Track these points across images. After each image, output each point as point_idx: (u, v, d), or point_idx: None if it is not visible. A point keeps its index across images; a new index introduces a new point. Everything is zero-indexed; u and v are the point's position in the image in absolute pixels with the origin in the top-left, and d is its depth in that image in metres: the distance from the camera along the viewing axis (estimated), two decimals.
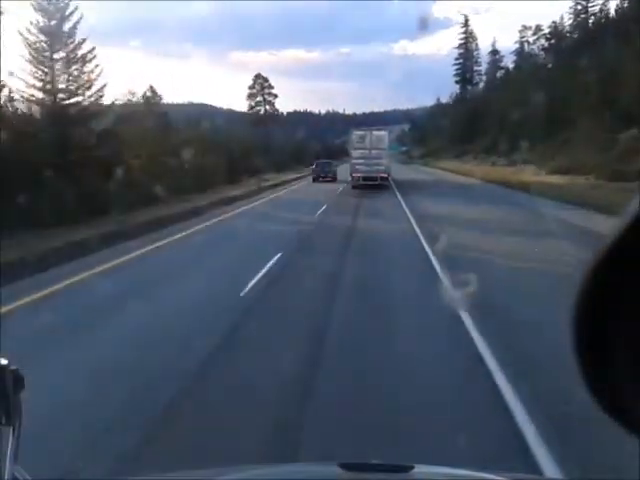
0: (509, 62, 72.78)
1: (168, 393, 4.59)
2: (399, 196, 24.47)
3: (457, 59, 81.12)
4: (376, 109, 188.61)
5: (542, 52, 63.38)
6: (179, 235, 14.32)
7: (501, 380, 4.56)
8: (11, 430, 0.96)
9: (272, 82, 70.89)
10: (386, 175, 29.40)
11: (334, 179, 35.92)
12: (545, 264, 9.22)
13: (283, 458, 3.48)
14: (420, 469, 1.44)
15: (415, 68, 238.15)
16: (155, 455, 3.62)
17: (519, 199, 20.73)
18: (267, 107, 71.30)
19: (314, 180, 36.80)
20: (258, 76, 72.23)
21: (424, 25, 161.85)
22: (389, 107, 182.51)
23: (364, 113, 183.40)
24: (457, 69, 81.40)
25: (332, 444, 3.60)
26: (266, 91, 71.95)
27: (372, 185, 28.18)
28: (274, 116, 72.09)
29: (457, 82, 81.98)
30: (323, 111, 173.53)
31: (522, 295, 7.65)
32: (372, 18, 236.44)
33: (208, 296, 8.07)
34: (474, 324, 6.00)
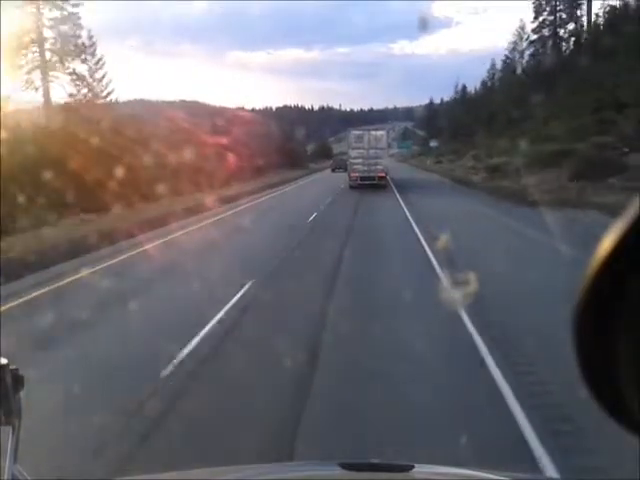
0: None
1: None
2: None
3: None
4: (375, 106, 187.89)
5: None
6: None
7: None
8: (11, 430, 0.97)
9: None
10: (384, 175, 29.19)
11: (345, 169, 47.17)
12: None
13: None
14: (420, 469, 1.44)
15: (415, 66, 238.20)
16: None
17: None
18: (83, 59, 28.81)
19: (332, 171, 51.11)
20: None
21: (424, 24, 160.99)
22: (389, 104, 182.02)
23: (362, 110, 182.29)
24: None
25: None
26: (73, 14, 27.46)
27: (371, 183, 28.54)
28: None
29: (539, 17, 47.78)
30: (317, 106, 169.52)
31: None
32: (371, 18, 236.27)
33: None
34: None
